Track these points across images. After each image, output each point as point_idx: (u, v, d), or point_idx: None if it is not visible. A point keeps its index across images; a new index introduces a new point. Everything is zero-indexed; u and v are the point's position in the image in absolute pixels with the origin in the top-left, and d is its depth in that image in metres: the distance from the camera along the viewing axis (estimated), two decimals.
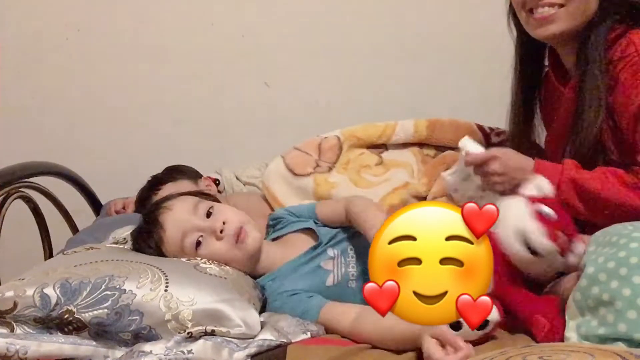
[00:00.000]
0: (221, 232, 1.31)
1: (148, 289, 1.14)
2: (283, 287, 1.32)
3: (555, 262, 1.22)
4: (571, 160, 1.36)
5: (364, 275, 1.33)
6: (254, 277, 1.38)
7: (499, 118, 1.84)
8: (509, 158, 1.37)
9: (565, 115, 1.45)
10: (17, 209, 1.76)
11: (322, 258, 1.37)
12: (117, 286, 1.13)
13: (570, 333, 1.06)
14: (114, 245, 1.44)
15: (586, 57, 1.37)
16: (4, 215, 1.66)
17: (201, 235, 1.31)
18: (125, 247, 1.42)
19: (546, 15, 1.40)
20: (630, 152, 1.33)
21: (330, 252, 1.39)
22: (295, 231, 1.46)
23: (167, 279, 1.16)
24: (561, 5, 1.38)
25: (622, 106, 1.32)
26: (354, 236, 1.42)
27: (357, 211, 1.38)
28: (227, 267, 1.30)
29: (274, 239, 1.48)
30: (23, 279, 1.15)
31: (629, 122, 1.31)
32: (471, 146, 1.41)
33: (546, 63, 1.57)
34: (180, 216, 1.33)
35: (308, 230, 1.45)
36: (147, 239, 1.34)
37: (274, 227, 1.51)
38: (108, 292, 1.12)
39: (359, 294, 1.30)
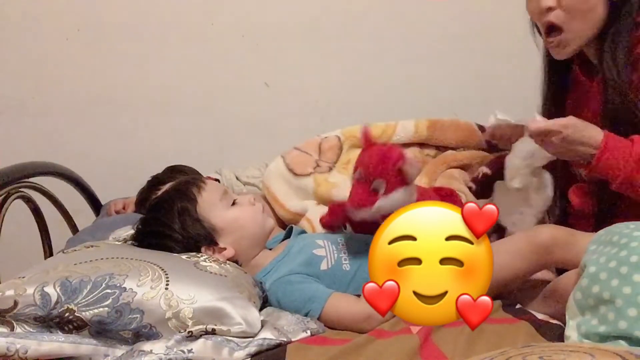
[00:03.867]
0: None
1: (148, 287, 1.13)
2: (281, 273, 1.34)
3: None
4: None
5: (356, 261, 1.38)
6: None
7: None
8: (574, 132, 1.28)
9: (595, 109, 1.43)
10: (17, 209, 1.76)
11: (312, 247, 1.40)
12: (118, 284, 1.13)
13: (571, 332, 1.07)
14: (114, 242, 1.44)
15: (603, 58, 1.36)
16: (4, 215, 1.66)
17: (237, 199, 1.44)
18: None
19: (556, 43, 1.39)
20: None
21: (320, 242, 1.42)
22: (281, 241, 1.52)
23: (167, 277, 1.16)
24: (562, 31, 1.37)
25: None
26: (344, 234, 1.47)
27: None
28: (227, 266, 1.30)
29: None
30: (23, 277, 1.15)
31: None
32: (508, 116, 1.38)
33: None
34: (216, 188, 1.44)
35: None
36: (179, 198, 1.39)
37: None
38: (108, 291, 1.12)
39: (354, 277, 1.35)
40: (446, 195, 1.49)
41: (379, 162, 1.34)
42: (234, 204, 1.43)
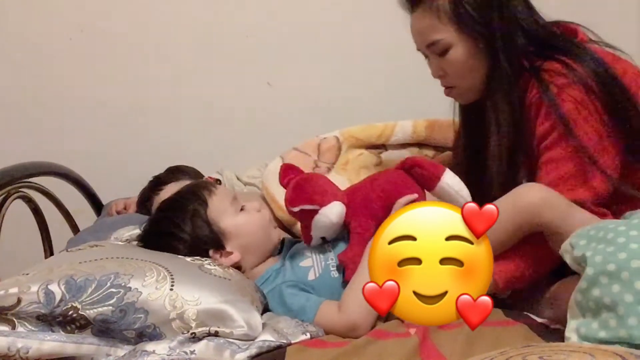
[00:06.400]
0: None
1: (153, 287, 1.14)
2: (275, 282, 1.36)
3: None
4: None
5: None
6: None
7: None
8: None
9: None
10: (17, 209, 1.76)
11: (300, 259, 1.40)
12: (123, 284, 1.13)
13: (571, 333, 1.06)
14: (118, 242, 1.45)
15: (489, 109, 1.40)
16: (4, 215, 1.66)
17: (245, 205, 1.45)
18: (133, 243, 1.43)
19: (453, 95, 1.48)
20: None
21: (307, 252, 1.42)
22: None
23: (172, 278, 1.16)
24: (452, 87, 1.44)
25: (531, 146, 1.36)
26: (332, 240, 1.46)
27: None
28: (231, 270, 1.31)
29: None
30: (27, 274, 1.15)
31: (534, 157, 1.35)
32: None
33: None
34: (226, 193, 1.47)
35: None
36: (191, 200, 1.40)
37: None
38: (113, 290, 1.12)
39: (342, 281, 1.35)
40: (412, 167, 1.44)
41: (286, 209, 1.44)
42: (242, 209, 1.44)
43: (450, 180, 1.38)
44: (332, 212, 1.36)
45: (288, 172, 1.47)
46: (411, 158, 1.49)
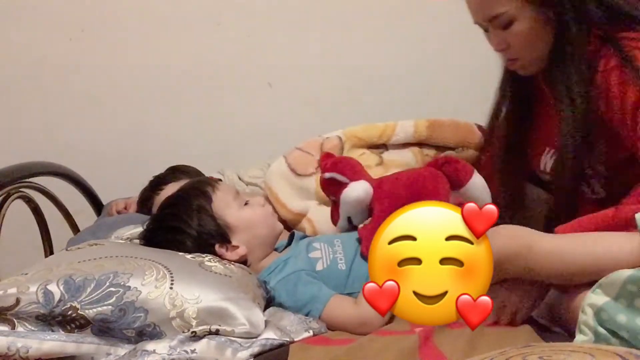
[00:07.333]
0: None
1: (153, 286, 1.13)
2: (287, 272, 1.36)
3: None
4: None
5: (351, 259, 1.39)
6: None
7: None
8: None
9: (546, 117, 1.42)
10: (17, 209, 1.76)
11: (309, 250, 1.42)
12: (122, 283, 1.13)
13: (587, 309, 1.03)
14: (118, 240, 1.45)
15: (554, 78, 1.34)
16: (4, 215, 1.66)
17: (249, 200, 1.49)
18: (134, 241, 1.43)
19: (517, 67, 1.40)
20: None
21: (317, 244, 1.44)
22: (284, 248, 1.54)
23: (172, 277, 1.16)
24: (516, 59, 1.38)
25: (618, 114, 1.27)
26: (341, 236, 1.49)
27: None
28: (232, 266, 1.30)
29: None
30: (26, 274, 1.15)
31: (627, 126, 1.26)
32: None
33: None
34: (229, 188, 1.51)
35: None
36: (196, 196, 1.43)
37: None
38: (112, 289, 1.12)
39: (349, 275, 1.37)
40: (444, 163, 1.47)
41: (320, 180, 1.57)
42: (246, 204, 1.46)
43: (479, 180, 1.45)
44: (360, 187, 1.44)
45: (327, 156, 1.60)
46: (445, 155, 1.56)
